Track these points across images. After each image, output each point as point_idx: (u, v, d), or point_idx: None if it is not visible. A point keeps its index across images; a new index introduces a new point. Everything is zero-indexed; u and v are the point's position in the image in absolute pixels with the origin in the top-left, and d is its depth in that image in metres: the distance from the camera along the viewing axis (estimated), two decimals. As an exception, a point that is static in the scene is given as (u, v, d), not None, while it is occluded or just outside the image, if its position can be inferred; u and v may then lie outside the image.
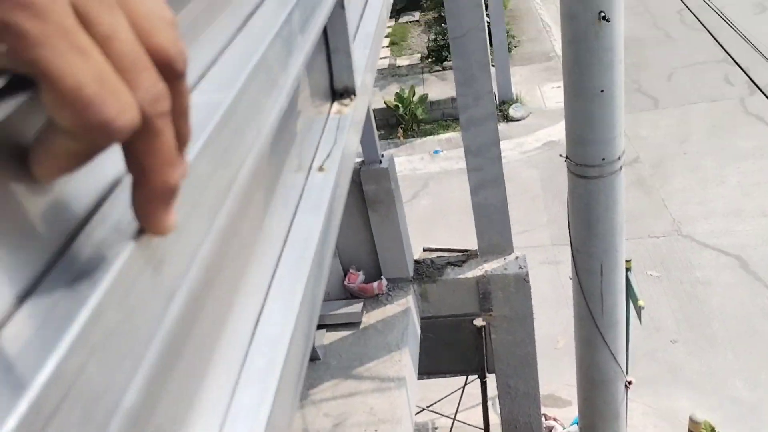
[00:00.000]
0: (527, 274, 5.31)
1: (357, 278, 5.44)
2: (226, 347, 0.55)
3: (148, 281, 0.37)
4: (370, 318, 5.29)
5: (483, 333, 5.47)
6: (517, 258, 5.43)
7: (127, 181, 0.35)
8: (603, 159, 4.17)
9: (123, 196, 0.38)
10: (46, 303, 0.31)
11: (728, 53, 4.43)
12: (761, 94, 4.38)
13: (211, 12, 0.64)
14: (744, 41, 4.74)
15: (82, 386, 0.30)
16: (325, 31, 0.99)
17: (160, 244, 0.38)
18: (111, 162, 0.38)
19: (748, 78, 4.44)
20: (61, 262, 0.33)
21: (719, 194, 9.43)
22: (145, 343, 0.36)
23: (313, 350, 4.92)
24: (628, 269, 4.81)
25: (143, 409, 0.36)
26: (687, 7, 5.30)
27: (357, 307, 5.28)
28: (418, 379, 5.35)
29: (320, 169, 0.88)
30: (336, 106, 1.05)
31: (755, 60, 5.11)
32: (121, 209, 0.38)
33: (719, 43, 4.49)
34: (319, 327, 5.18)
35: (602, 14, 3.72)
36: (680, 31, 13.99)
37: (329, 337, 5.17)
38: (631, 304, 4.98)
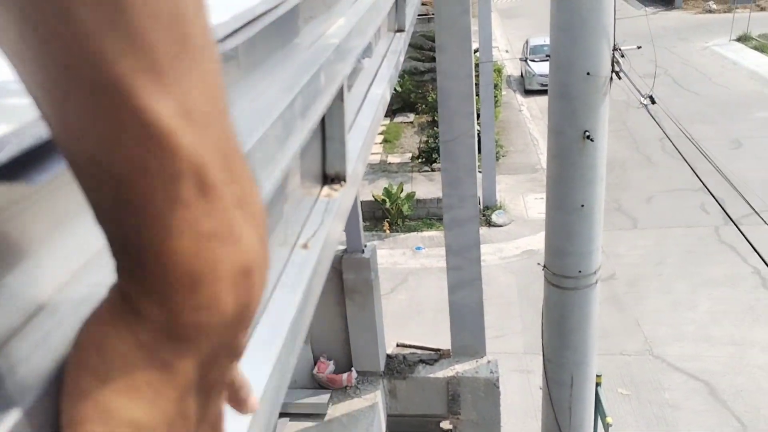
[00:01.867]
0: (498, 379, 5.26)
1: (327, 368, 5.35)
2: None
3: None
4: (335, 410, 5.16)
5: (448, 437, 5.34)
6: (489, 362, 5.39)
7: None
8: (579, 271, 4.25)
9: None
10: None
11: (704, 184, 4.62)
12: (734, 225, 4.54)
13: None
14: (719, 174, 4.97)
15: None
16: (323, 120, 1.06)
17: None
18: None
19: (722, 209, 4.62)
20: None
21: (690, 319, 9.52)
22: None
23: (273, 439, 4.76)
24: (598, 384, 4.79)
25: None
26: (667, 137, 5.57)
27: (324, 398, 5.17)
28: (378, 479, 5.17)
29: (304, 246, 0.92)
30: (326, 189, 1.10)
31: (730, 192, 5.33)
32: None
33: (696, 174, 4.69)
34: (282, 415, 5.03)
35: (587, 133, 3.90)
36: (661, 157, 14.57)
37: (291, 426, 5.02)
38: (599, 420, 4.92)
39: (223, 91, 0.30)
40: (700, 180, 4.59)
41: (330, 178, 1.11)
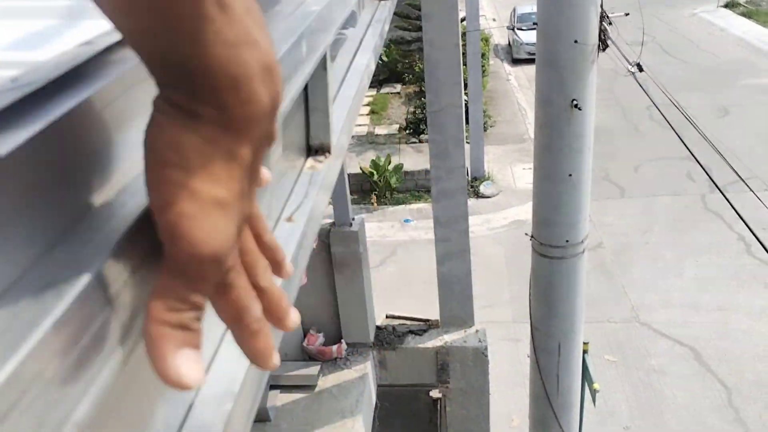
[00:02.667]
0: (486, 348, 5.31)
1: (316, 340, 5.37)
2: (169, 399, 0.54)
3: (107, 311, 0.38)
4: (326, 382, 5.20)
5: (438, 405, 5.40)
6: (477, 331, 5.44)
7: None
8: (567, 241, 4.27)
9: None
10: (10, 309, 0.32)
11: (691, 152, 4.63)
12: (720, 192, 4.56)
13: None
14: (706, 142, 4.98)
15: (36, 395, 0.31)
16: (306, 90, 1.04)
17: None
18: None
19: (708, 177, 4.64)
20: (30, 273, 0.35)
21: (677, 286, 9.64)
22: (99, 365, 0.37)
23: (265, 411, 4.79)
24: (585, 352, 4.84)
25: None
26: (655, 105, 5.56)
27: (314, 369, 5.20)
28: (369, 448, 5.23)
29: (289, 219, 0.91)
30: (310, 161, 1.08)
31: (716, 160, 5.35)
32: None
33: (683, 142, 4.70)
34: (273, 387, 5.07)
35: (575, 102, 3.89)
36: (648, 125, 14.59)
37: (282, 398, 5.06)
38: (587, 387, 4.99)
39: None
40: (687, 148, 4.60)
41: (314, 149, 1.09)
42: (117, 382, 0.38)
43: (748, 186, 4.93)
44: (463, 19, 11.90)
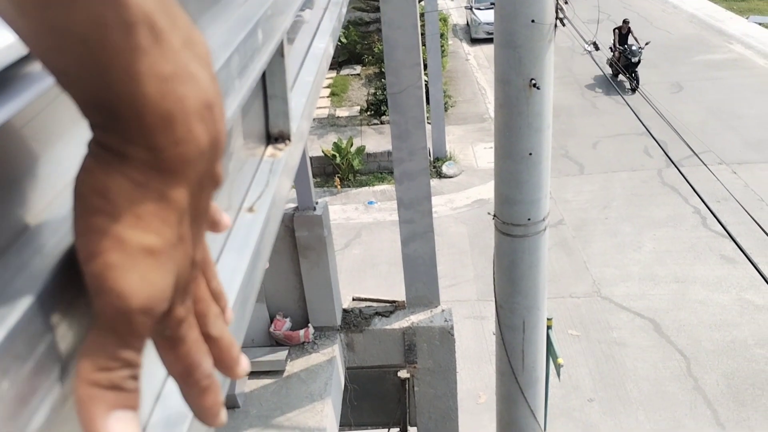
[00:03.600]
0: (452, 327, 5.37)
1: (283, 325, 5.36)
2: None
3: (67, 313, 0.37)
4: (294, 366, 5.20)
5: (407, 385, 5.46)
6: (443, 311, 5.49)
7: None
8: (529, 219, 4.33)
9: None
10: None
11: (647, 128, 4.72)
12: (675, 168, 4.67)
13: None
14: (661, 118, 5.08)
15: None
16: (263, 78, 1.02)
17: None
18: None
19: (664, 152, 4.74)
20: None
21: (636, 259, 9.88)
22: (60, 364, 0.36)
23: (233, 398, 4.78)
24: (549, 327, 4.94)
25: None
26: (611, 81, 5.64)
27: (281, 354, 5.19)
28: (340, 430, 5.27)
29: (250, 209, 0.90)
30: (270, 149, 1.07)
31: (672, 135, 5.47)
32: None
33: (639, 118, 4.79)
34: (241, 374, 5.04)
35: (533, 81, 3.92)
36: (606, 102, 14.82)
37: (250, 384, 5.05)
38: (551, 362, 5.09)
39: None
40: (643, 124, 4.69)
41: (274, 137, 1.08)
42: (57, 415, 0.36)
43: (701, 160, 5.06)
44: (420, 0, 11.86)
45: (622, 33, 15.31)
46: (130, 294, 0.33)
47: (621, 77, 15.24)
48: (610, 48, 14.96)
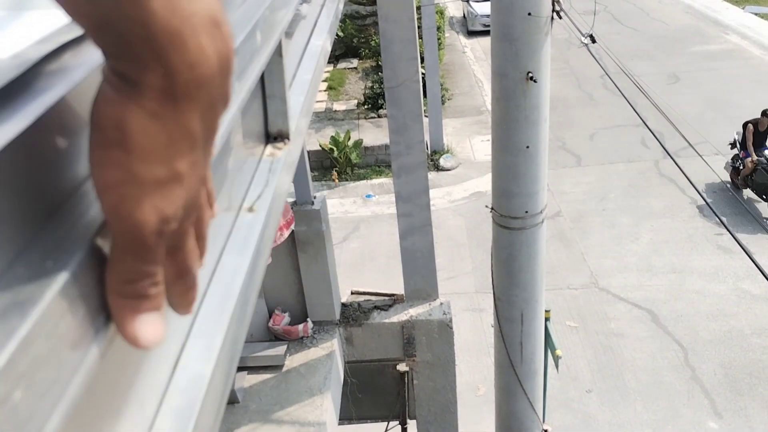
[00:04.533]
0: (451, 320, 5.38)
1: (282, 320, 5.37)
2: (143, 386, 0.54)
3: (76, 317, 0.38)
4: (293, 361, 5.21)
5: (406, 378, 5.48)
6: (441, 304, 5.50)
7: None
8: (526, 211, 4.33)
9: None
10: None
11: (643, 120, 4.72)
12: (672, 159, 4.67)
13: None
14: (657, 109, 5.09)
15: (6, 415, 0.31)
16: (262, 78, 1.03)
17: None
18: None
19: (660, 144, 4.75)
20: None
21: (633, 250, 9.90)
22: (69, 376, 0.37)
23: (233, 393, 4.79)
24: (547, 319, 4.96)
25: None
26: (607, 74, 5.65)
27: (280, 349, 5.20)
28: (339, 424, 5.29)
29: (250, 209, 0.90)
30: (269, 148, 1.07)
31: (668, 126, 5.47)
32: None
33: (635, 110, 4.79)
34: (241, 369, 5.06)
35: (530, 74, 3.92)
36: (602, 94, 14.81)
37: (250, 379, 5.06)
38: (549, 354, 5.12)
39: None
40: (639, 116, 4.70)
41: (273, 136, 1.09)
42: (99, 367, 0.40)
43: (697, 151, 5.07)
44: (417, -8, 11.80)
45: (759, 131, 10.28)
46: (143, 222, 0.35)
47: (748, 192, 10.44)
48: (736, 150, 10.53)
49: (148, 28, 0.31)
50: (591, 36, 4.27)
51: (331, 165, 12.56)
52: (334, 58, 16.28)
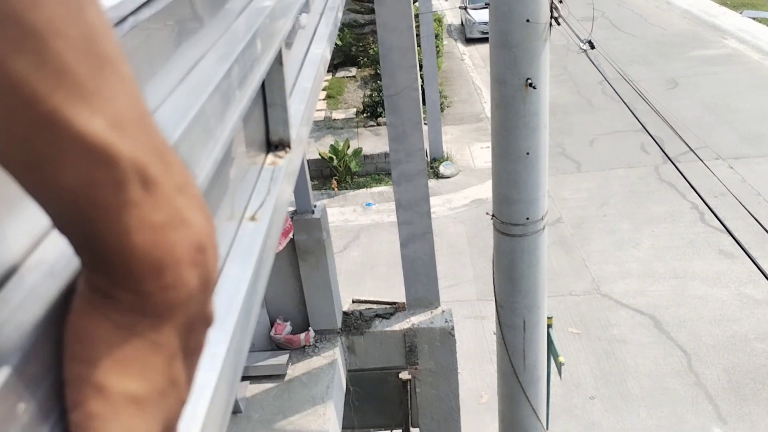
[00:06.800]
0: (453, 328, 5.37)
1: (284, 329, 5.36)
2: None
3: None
4: (295, 370, 5.19)
5: (408, 387, 5.46)
6: (443, 312, 5.49)
7: None
8: (527, 218, 4.33)
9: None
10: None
11: (643, 125, 4.73)
12: (672, 164, 4.67)
13: (151, 66, 0.66)
14: (657, 114, 5.09)
15: None
16: (263, 86, 1.02)
17: None
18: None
19: (660, 149, 4.75)
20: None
21: (634, 256, 9.88)
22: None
23: (235, 403, 4.77)
24: (549, 326, 4.94)
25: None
26: (606, 80, 5.66)
27: (282, 358, 5.19)
28: (342, 433, 5.26)
29: (252, 218, 0.90)
30: (271, 157, 1.07)
31: (668, 131, 5.47)
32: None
33: (635, 115, 4.79)
34: (243, 378, 5.04)
35: (529, 81, 3.92)
36: (601, 100, 14.84)
37: (252, 389, 5.04)
38: (552, 360, 5.10)
39: (140, 92, 0.32)
40: (639, 121, 4.70)
41: (274, 145, 1.08)
42: None
43: (697, 156, 5.07)
44: (415, 1, 11.86)
45: None
46: None
47: None
48: None
49: (128, 258, 0.31)
50: (590, 42, 4.29)
51: (331, 174, 12.57)
52: (332, 67, 16.33)
